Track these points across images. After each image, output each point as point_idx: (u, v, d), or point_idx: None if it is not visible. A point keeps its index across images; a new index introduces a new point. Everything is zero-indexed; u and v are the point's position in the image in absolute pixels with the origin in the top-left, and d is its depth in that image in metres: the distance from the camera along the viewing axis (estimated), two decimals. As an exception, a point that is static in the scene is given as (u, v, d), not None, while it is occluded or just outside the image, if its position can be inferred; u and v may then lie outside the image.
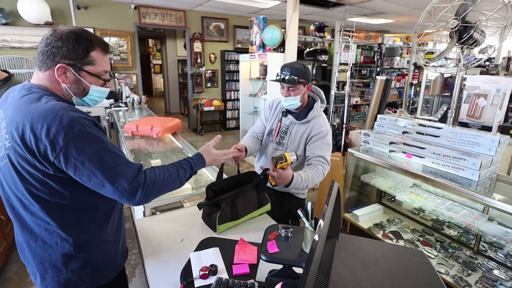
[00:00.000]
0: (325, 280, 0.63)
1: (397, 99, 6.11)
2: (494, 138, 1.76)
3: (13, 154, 0.80)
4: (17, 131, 0.77)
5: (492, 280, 1.79)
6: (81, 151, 0.79)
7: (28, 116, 0.78)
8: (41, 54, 0.84)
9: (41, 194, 0.83)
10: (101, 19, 5.19)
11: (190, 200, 1.66)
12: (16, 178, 0.82)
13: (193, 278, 0.91)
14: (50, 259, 0.89)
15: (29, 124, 0.77)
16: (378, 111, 2.65)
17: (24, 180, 0.82)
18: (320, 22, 4.66)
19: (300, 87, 1.52)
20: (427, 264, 0.82)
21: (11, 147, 0.79)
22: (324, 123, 1.59)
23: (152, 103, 10.30)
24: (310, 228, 0.84)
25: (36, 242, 0.89)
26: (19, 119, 0.78)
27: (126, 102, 4.21)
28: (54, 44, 0.83)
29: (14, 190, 0.85)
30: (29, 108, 0.79)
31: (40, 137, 0.76)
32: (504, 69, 4.29)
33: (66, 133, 0.77)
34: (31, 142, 0.76)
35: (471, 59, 2.25)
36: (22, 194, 0.84)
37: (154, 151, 2.45)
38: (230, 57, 6.57)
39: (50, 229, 0.87)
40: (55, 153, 0.77)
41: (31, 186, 0.82)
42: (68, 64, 0.85)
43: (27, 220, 0.88)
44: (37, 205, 0.84)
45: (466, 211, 1.97)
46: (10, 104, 0.84)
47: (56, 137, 0.76)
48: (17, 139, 0.78)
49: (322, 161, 1.52)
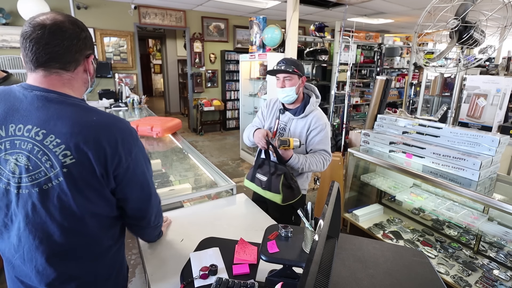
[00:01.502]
0: (325, 280, 0.63)
1: (397, 99, 6.11)
2: (494, 138, 1.76)
3: (77, 170, 0.72)
4: (90, 145, 0.71)
5: (492, 280, 1.79)
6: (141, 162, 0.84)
7: (103, 127, 0.74)
8: (64, 50, 0.73)
9: (99, 210, 0.80)
10: (101, 19, 5.19)
11: (190, 200, 1.66)
12: (69, 197, 0.74)
13: (193, 278, 0.91)
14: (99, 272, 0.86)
15: (104, 137, 0.73)
16: (378, 111, 2.65)
17: (81, 197, 0.75)
18: (320, 22, 4.66)
19: (295, 78, 1.57)
20: (427, 264, 0.82)
21: (76, 163, 0.72)
22: (322, 116, 1.64)
23: (152, 103, 10.30)
24: (310, 228, 0.84)
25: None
26: (87, 131, 0.72)
27: (126, 102, 4.21)
28: (81, 35, 0.76)
29: (55, 214, 0.75)
30: (92, 118, 0.74)
31: (115, 150, 0.75)
32: (504, 69, 4.29)
33: (134, 144, 0.80)
34: (105, 155, 0.73)
35: (471, 59, 2.25)
36: (69, 214, 0.76)
37: (154, 151, 2.45)
38: (230, 57, 6.57)
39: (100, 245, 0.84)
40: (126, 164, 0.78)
41: (90, 203, 0.77)
42: (92, 53, 0.81)
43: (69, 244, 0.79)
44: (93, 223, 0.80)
45: (466, 211, 1.97)
46: (39, 119, 0.71)
47: (129, 148, 0.78)
48: (89, 154, 0.72)
49: (324, 154, 1.61)
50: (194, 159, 2.21)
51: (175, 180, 2.00)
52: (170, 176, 2.06)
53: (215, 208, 1.52)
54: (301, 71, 1.59)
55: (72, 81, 0.78)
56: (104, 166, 0.74)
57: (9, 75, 2.79)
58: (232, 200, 1.60)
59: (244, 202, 1.57)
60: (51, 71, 0.74)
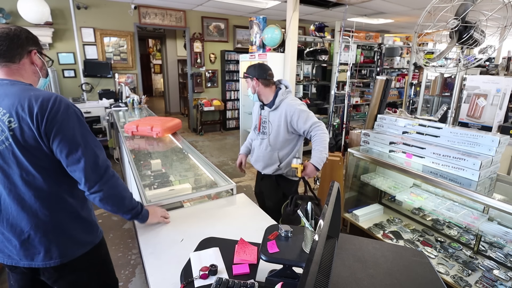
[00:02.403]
0: (325, 280, 0.63)
1: (397, 99, 6.11)
2: (494, 138, 1.76)
3: (19, 132, 0.92)
4: (24, 110, 0.91)
5: (492, 280, 1.79)
6: (71, 127, 0.97)
7: (33, 97, 0.93)
8: (9, 48, 0.97)
9: (44, 165, 0.97)
10: (101, 19, 5.19)
11: (190, 200, 1.66)
12: (20, 156, 0.94)
13: (193, 278, 0.91)
14: (55, 224, 1.02)
15: (38, 102, 0.92)
16: (378, 111, 2.65)
17: (31, 156, 0.95)
18: (320, 22, 4.66)
19: (249, 81, 1.91)
20: (427, 264, 0.82)
21: (18, 127, 0.92)
22: (293, 102, 1.87)
23: (152, 103, 10.30)
24: (310, 228, 0.84)
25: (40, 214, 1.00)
26: (23, 102, 0.92)
27: (126, 102, 4.21)
28: (21, 35, 1.00)
29: (16, 171, 0.95)
30: (29, 94, 0.94)
31: (44, 114, 0.92)
32: (504, 69, 4.29)
33: (63, 111, 0.96)
34: (37, 119, 0.91)
35: (471, 59, 2.25)
36: (26, 171, 0.96)
37: (154, 151, 2.45)
38: (230, 57, 6.57)
39: (56, 196, 1.01)
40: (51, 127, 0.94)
41: (40, 160, 0.96)
42: (36, 49, 1.05)
43: (27, 198, 0.98)
44: (39, 177, 0.97)
45: (466, 211, 1.97)
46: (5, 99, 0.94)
47: (55, 113, 0.94)
48: (26, 118, 0.91)
49: (315, 127, 1.79)
50: (194, 159, 2.21)
51: (175, 180, 2.00)
52: (170, 176, 2.06)
53: (215, 208, 1.52)
54: (252, 74, 1.88)
55: (20, 71, 1.01)
56: (37, 127, 0.92)
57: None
58: (232, 200, 1.60)
59: (244, 202, 1.57)
60: (1, 64, 0.98)
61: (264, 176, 2.07)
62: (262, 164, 2.02)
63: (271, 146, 1.95)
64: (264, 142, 1.99)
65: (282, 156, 1.95)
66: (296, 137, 1.93)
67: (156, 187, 1.86)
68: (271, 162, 1.97)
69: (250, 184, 3.80)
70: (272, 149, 1.95)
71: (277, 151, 1.94)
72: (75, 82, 5.17)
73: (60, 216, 1.03)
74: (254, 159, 2.10)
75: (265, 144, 1.98)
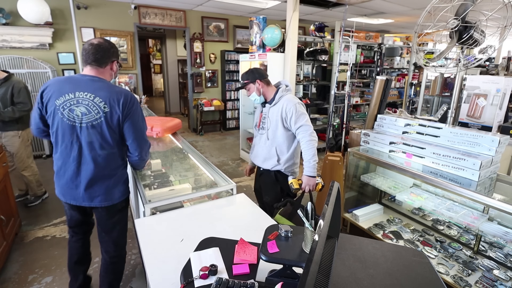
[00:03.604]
0: (325, 280, 0.63)
1: (397, 99, 6.11)
2: (494, 138, 1.76)
3: (110, 115, 1.41)
4: (114, 101, 1.41)
5: (492, 280, 1.79)
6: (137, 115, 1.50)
7: (119, 93, 1.43)
8: (102, 57, 1.45)
9: (116, 137, 1.48)
10: (101, 19, 5.19)
11: (190, 200, 1.66)
12: (106, 130, 1.43)
13: (193, 278, 0.91)
14: (112, 176, 1.53)
15: (123, 97, 1.43)
16: (378, 111, 2.65)
17: (110, 131, 1.44)
18: (320, 22, 4.65)
19: (251, 86, 1.96)
20: (427, 264, 0.82)
21: (109, 111, 1.41)
22: (292, 99, 1.93)
23: (152, 103, 10.30)
24: (310, 228, 0.84)
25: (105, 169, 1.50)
26: (113, 95, 1.41)
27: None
28: (110, 49, 1.49)
29: (99, 139, 1.44)
30: (116, 90, 1.43)
31: (125, 104, 1.43)
32: (504, 69, 4.29)
33: (136, 104, 1.48)
34: (120, 106, 1.41)
35: (471, 59, 2.25)
36: (105, 140, 1.45)
37: (154, 151, 2.45)
38: (230, 57, 6.57)
39: (116, 157, 1.52)
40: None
41: (115, 134, 1.47)
42: (116, 60, 1.54)
43: (100, 158, 1.47)
44: (111, 143, 1.48)
45: (466, 211, 1.97)
46: (91, 89, 1.40)
47: (131, 105, 1.45)
48: (115, 106, 1.41)
49: (301, 130, 1.88)
50: (194, 159, 2.21)
51: (175, 180, 2.00)
52: (170, 176, 2.06)
53: (215, 208, 1.52)
54: (252, 77, 1.94)
55: (104, 73, 1.49)
56: (122, 112, 1.42)
57: (10, 75, 2.80)
58: (232, 200, 1.60)
59: (244, 202, 1.58)
60: (93, 66, 1.45)
61: (263, 171, 2.10)
62: (261, 158, 2.06)
63: (269, 140, 2.00)
64: (263, 137, 2.04)
65: (281, 151, 1.99)
66: (293, 133, 1.96)
67: (156, 187, 1.86)
68: (269, 156, 2.01)
69: (250, 184, 3.80)
70: (271, 143, 2.00)
71: (275, 146, 1.98)
72: (75, 82, 5.16)
73: (116, 171, 1.53)
74: (253, 155, 2.15)
75: (264, 138, 2.03)
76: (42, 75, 4.51)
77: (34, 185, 3.08)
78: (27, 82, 4.37)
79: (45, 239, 2.56)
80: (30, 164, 3.01)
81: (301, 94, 5.63)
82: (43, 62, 4.61)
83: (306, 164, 1.86)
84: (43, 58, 4.75)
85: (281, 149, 1.98)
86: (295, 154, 2.03)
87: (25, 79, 4.38)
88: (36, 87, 4.50)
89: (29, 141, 2.99)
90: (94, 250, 1.87)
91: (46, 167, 4.17)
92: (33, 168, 3.04)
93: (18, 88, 2.74)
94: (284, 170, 2.01)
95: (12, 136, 2.81)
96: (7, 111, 2.69)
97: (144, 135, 1.55)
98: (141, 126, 1.51)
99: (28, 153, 2.98)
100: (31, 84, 4.44)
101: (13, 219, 2.47)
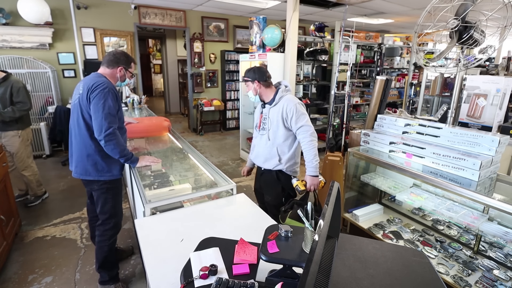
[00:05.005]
0: (325, 280, 0.63)
1: (397, 99, 6.11)
2: (494, 138, 1.76)
3: (82, 97, 1.70)
4: (87, 86, 1.69)
5: (492, 280, 1.79)
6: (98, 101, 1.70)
7: (94, 82, 1.69)
8: (110, 60, 1.80)
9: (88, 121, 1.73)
10: (101, 19, 5.19)
11: (190, 200, 1.66)
12: (79, 112, 1.72)
13: (193, 278, 0.91)
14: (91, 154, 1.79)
15: (91, 84, 1.69)
16: (378, 111, 2.65)
17: (83, 113, 1.72)
18: (320, 22, 4.65)
19: (249, 84, 2.00)
20: (427, 264, 0.82)
21: (82, 95, 1.70)
22: (292, 99, 1.95)
23: (152, 103, 10.30)
24: (310, 228, 0.84)
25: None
26: (89, 83, 1.70)
27: (126, 102, 4.21)
28: (120, 57, 1.83)
29: (76, 120, 1.75)
30: (95, 80, 1.70)
31: (91, 89, 1.68)
32: (504, 69, 4.29)
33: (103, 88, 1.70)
34: (88, 91, 1.68)
35: (471, 59, 2.25)
36: (79, 122, 1.74)
37: (154, 151, 2.45)
38: (230, 57, 6.57)
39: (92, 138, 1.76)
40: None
41: (86, 116, 1.72)
42: (124, 67, 1.86)
43: (78, 138, 1.77)
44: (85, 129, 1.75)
45: (466, 211, 1.97)
46: (87, 79, 1.74)
47: (95, 89, 1.69)
48: (85, 89, 1.69)
49: (302, 131, 1.90)
50: (194, 159, 2.21)
51: (175, 180, 1.99)
52: (170, 176, 2.05)
53: (215, 208, 1.52)
54: (253, 77, 1.97)
55: (109, 73, 1.81)
56: (88, 96, 1.68)
57: (9, 75, 2.80)
58: (232, 200, 1.60)
59: (244, 202, 1.57)
60: (103, 66, 1.81)
61: (265, 171, 2.11)
62: (262, 158, 2.07)
63: (270, 140, 2.01)
64: (264, 137, 2.05)
65: (282, 151, 2.00)
66: (293, 133, 1.97)
67: (156, 187, 1.86)
68: (271, 156, 2.02)
69: (250, 184, 3.80)
70: (272, 143, 2.01)
71: (276, 146, 1.99)
72: (75, 82, 5.16)
73: (92, 149, 1.76)
74: (254, 155, 2.16)
75: (265, 139, 2.04)
76: (42, 75, 4.51)
77: (34, 185, 3.08)
78: (27, 82, 4.38)
79: (45, 239, 2.56)
80: (30, 164, 3.01)
81: (301, 94, 5.63)
82: (43, 62, 4.61)
83: (308, 164, 1.88)
84: (43, 58, 4.75)
85: (282, 149, 1.99)
86: (296, 154, 2.04)
87: (25, 79, 4.38)
88: (36, 87, 4.50)
89: (29, 141, 3.00)
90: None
91: (46, 167, 4.17)
92: (33, 168, 3.04)
93: (17, 87, 2.74)
94: (285, 170, 2.02)
95: (12, 136, 2.81)
96: (8, 111, 2.69)
97: (103, 119, 1.67)
98: (99, 109, 1.67)
99: (28, 153, 2.98)
100: (31, 84, 4.44)
101: (13, 219, 2.47)
